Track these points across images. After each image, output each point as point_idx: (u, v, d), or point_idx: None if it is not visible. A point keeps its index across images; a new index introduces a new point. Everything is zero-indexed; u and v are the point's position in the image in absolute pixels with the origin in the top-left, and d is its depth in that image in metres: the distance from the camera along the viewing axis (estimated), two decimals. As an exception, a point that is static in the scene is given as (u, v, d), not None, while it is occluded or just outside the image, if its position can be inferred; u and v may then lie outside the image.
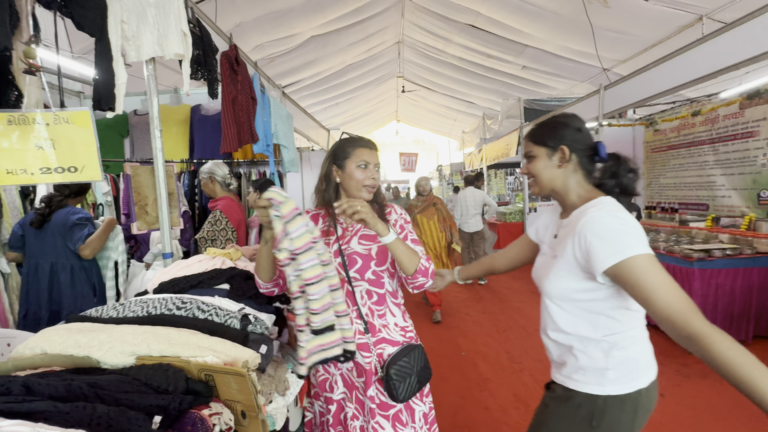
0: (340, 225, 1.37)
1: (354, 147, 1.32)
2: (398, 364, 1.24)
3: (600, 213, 0.97)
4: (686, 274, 3.18)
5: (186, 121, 3.43)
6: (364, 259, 1.30)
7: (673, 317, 0.87)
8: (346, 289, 1.30)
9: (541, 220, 1.29)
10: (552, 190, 1.12)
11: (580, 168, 1.08)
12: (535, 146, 1.11)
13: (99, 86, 1.41)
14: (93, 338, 0.95)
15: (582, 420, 1.05)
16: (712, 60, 2.87)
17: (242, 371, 0.88)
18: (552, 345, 1.13)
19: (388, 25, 7.16)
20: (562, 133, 1.08)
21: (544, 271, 1.11)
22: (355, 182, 1.30)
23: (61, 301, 2.17)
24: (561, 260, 1.03)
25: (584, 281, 1.00)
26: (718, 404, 2.49)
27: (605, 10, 4.58)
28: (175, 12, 1.69)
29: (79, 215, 2.18)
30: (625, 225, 0.94)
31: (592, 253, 0.94)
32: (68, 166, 1.39)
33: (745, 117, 4.70)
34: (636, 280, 0.89)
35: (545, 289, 1.09)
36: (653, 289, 0.88)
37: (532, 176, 1.13)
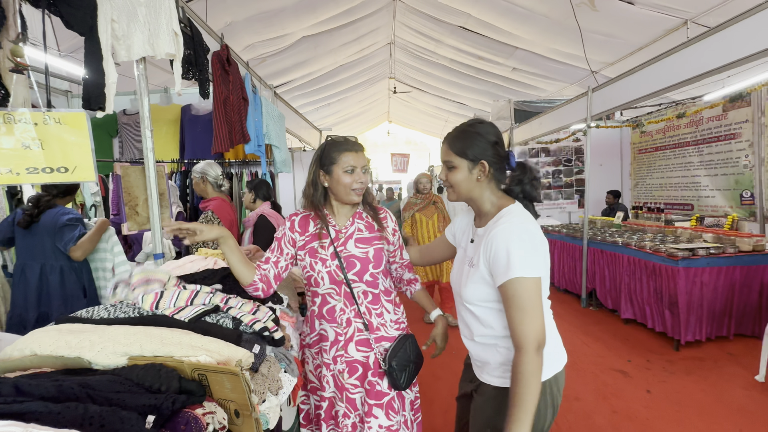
0: (332, 227, 1.38)
1: (339, 152, 1.32)
2: (398, 356, 1.32)
3: (509, 227, 1.05)
4: (671, 272, 3.25)
5: (176, 121, 3.41)
6: (362, 262, 1.35)
7: (519, 335, 1.00)
8: (344, 291, 1.35)
9: (458, 223, 1.37)
10: (469, 199, 1.19)
11: (494, 178, 1.17)
12: (457, 157, 1.15)
13: (89, 85, 1.39)
14: (84, 339, 0.94)
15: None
16: (696, 63, 2.94)
17: (235, 370, 0.88)
18: (476, 347, 1.19)
19: (379, 27, 7.18)
20: (483, 147, 1.13)
21: (462, 279, 1.18)
22: (343, 187, 1.32)
23: (51, 303, 2.13)
24: (475, 269, 1.12)
25: (495, 288, 1.08)
26: (703, 400, 2.55)
27: (593, 13, 4.66)
28: (166, 11, 1.68)
29: (70, 216, 2.14)
30: (526, 243, 1.03)
31: (494, 265, 1.05)
32: (57, 166, 1.37)
33: (728, 119, 4.82)
34: (507, 298, 1.02)
35: (464, 296, 1.15)
36: (518, 309, 1.01)
37: (451, 185, 1.19)
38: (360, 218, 1.43)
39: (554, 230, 5.43)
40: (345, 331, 1.36)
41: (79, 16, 1.31)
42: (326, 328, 1.38)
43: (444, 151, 1.19)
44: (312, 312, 1.42)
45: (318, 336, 1.40)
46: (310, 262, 1.35)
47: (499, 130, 1.19)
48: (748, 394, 2.58)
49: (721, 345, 3.31)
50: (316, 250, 1.35)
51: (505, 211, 1.12)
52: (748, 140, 4.54)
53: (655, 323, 3.47)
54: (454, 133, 1.19)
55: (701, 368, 2.96)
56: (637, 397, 2.61)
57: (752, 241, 3.29)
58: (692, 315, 3.22)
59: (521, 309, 1.00)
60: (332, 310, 1.36)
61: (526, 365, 0.97)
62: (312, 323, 1.42)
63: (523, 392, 0.96)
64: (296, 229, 1.38)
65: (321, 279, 1.34)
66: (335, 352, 1.36)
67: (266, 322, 1.19)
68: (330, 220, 1.39)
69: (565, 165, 6.75)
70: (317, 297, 1.38)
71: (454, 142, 1.16)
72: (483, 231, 1.15)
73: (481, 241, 1.11)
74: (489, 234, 1.08)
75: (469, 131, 1.15)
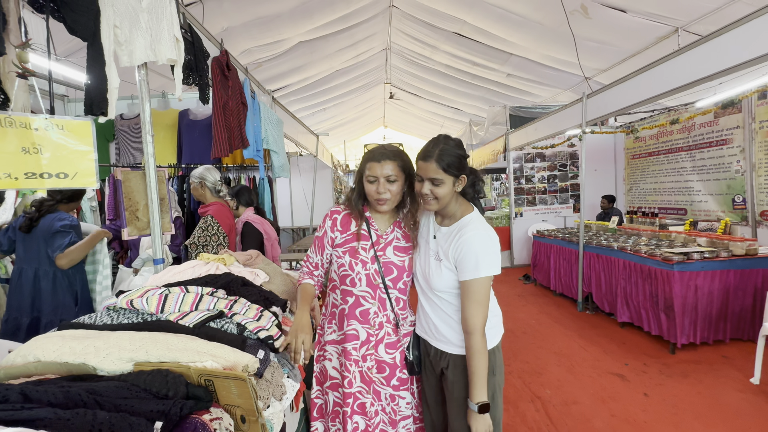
0: (375, 231, 1.41)
1: (366, 161, 1.38)
2: (417, 348, 1.46)
3: (476, 234, 1.27)
4: (667, 276, 3.28)
5: (174, 126, 3.40)
6: (399, 270, 1.41)
7: (472, 322, 1.26)
8: (378, 295, 1.39)
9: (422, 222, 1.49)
10: (446, 207, 1.36)
11: None
12: (445, 174, 1.29)
13: (91, 91, 1.39)
14: (89, 345, 0.94)
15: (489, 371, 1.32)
16: (687, 71, 2.99)
17: (242, 375, 0.88)
18: (443, 326, 1.36)
19: (375, 32, 7.23)
20: (464, 164, 1.32)
21: (430, 270, 1.35)
22: (369, 196, 1.38)
23: (42, 309, 2.11)
24: (446, 262, 1.31)
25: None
26: (699, 403, 2.57)
27: (586, 20, 4.73)
28: (167, 17, 1.69)
29: (64, 222, 2.12)
30: (489, 248, 1.27)
31: (462, 264, 1.27)
32: (56, 172, 1.36)
33: (719, 125, 4.91)
34: (469, 292, 1.26)
35: (434, 285, 1.34)
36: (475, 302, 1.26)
37: (437, 198, 1.32)
38: (399, 227, 1.47)
39: (550, 235, 5.46)
40: (377, 333, 1.41)
41: (83, 22, 1.31)
42: (357, 328, 1.40)
43: (431, 168, 1.29)
44: (341, 311, 1.43)
45: (345, 335, 1.41)
46: (350, 262, 1.37)
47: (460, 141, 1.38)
48: (744, 396, 2.61)
49: (716, 348, 3.35)
50: (357, 251, 1.37)
51: (469, 218, 1.34)
52: (740, 146, 4.62)
53: (651, 327, 3.50)
54: (437, 152, 1.30)
55: (697, 371, 2.99)
56: (634, 401, 2.63)
57: (745, 245, 3.34)
58: (687, 318, 3.25)
59: (478, 302, 1.26)
60: (366, 312, 1.39)
61: (478, 344, 1.25)
62: (340, 321, 1.43)
63: (478, 364, 1.25)
64: (337, 228, 1.42)
65: (359, 280, 1.37)
66: (365, 351, 1.39)
67: (270, 329, 1.19)
68: (372, 223, 1.43)
69: (560, 170, 6.81)
70: (350, 296, 1.40)
71: (440, 161, 1.29)
72: (448, 231, 1.35)
73: (448, 239, 1.32)
74: (459, 237, 1.29)
75: (453, 152, 1.30)
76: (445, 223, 1.39)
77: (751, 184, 4.47)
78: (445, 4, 5.65)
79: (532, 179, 6.91)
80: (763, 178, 4.34)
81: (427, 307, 1.41)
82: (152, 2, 1.65)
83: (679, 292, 3.22)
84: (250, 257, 1.74)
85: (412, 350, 1.46)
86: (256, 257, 1.78)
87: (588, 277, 4.44)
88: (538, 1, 4.78)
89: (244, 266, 1.67)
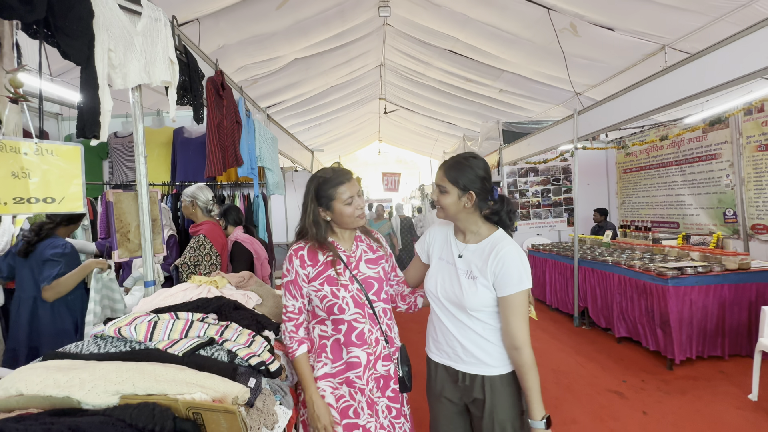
0: (342, 253, 1.40)
1: (335, 187, 1.35)
2: (406, 363, 1.46)
3: (514, 247, 1.28)
4: (661, 291, 3.29)
5: (168, 144, 3.40)
6: (378, 282, 1.41)
7: (521, 337, 1.24)
8: (367, 312, 1.37)
9: (430, 239, 1.50)
10: (456, 219, 1.38)
11: (478, 207, 1.35)
12: (449, 184, 1.32)
13: (84, 114, 1.39)
14: (74, 377, 0.91)
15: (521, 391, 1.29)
16: (675, 89, 3.06)
17: (232, 408, 0.86)
18: (475, 347, 1.31)
19: (370, 49, 7.34)
20: (473, 179, 1.30)
21: (461, 290, 1.31)
22: (348, 217, 1.37)
23: (41, 339, 2.03)
24: (482, 280, 1.29)
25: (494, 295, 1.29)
26: (698, 420, 2.54)
27: (575, 38, 4.84)
28: (162, 40, 1.70)
29: (55, 251, 2.04)
30: (525, 260, 1.27)
31: (504, 278, 1.24)
32: (44, 196, 1.34)
33: (708, 140, 5.00)
34: (514, 306, 1.24)
35: (469, 305, 1.29)
36: (521, 317, 1.25)
37: (441, 206, 1.35)
38: (360, 240, 1.48)
39: (545, 249, 5.47)
40: (374, 350, 1.38)
41: (77, 47, 1.31)
42: (358, 354, 1.36)
43: (439, 175, 1.36)
44: (335, 341, 1.37)
45: (345, 365, 1.36)
46: (332, 290, 1.34)
47: (489, 166, 1.36)
48: (742, 414, 2.59)
49: (713, 364, 3.33)
50: (334, 278, 1.34)
51: (500, 235, 1.33)
52: (728, 160, 4.70)
53: (649, 342, 3.49)
54: (451, 162, 1.35)
55: (695, 388, 2.97)
56: (633, 419, 2.60)
57: (737, 259, 3.36)
58: (684, 334, 3.24)
59: (521, 315, 1.24)
60: (361, 333, 1.36)
61: (530, 359, 1.22)
62: (336, 351, 1.37)
63: (534, 379, 1.22)
64: (307, 263, 1.36)
65: (346, 305, 1.34)
66: (368, 374, 1.36)
67: (262, 354, 1.16)
68: (338, 246, 1.41)
69: (553, 184, 6.87)
70: (342, 324, 1.36)
71: (449, 171, 1.33)
72: (477, 248, 1.33)
73: (482, 256, 1.30)
74: (496, 253, 1.27)
75: (464, 164, 1.32)
76: (471, 240, 1.37)
77: (741, 198, 4.52)
78: (438, 22, 5.76)
79: (526, 193, 6.96)
80: (753, 192, 4.40)
81: (453, 329, 1.35)
82: (147, 25, 1.66)
83: (675, 307, 3.22)
84: (243, 279, 1.72)
85: (402, 365, 1.45)
86: (249, 279, 1.76)
87: (584, 291, 4.44)
88: (528, 20, 4.89)
89: (236, 288, 1.65)
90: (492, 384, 1.30)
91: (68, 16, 1.29)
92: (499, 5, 4.81)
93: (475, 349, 1.31)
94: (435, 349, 1.43)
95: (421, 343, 1.55)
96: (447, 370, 1.39)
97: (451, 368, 1.37)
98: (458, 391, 1.37)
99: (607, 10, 4.25)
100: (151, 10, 1.69)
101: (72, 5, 1.30)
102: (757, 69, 2.44)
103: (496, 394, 1.29)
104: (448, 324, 1.36)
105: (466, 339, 1.32)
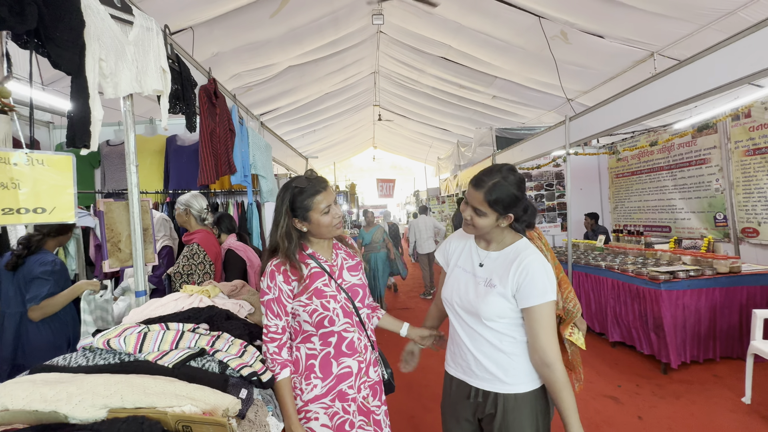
0: (324, 263, 1.37)
1: (311, 197, 1.28)
2: (387, 365, 1.49)
3: (539, 256, 1.22)
4: (654, 295, 3.31)
5: (161, 152, 3.38)
6: (362, 288, 1.41)
7: (551, 353, 1.17)
8: (355, 320, 1.36)
9: (451, 247, 1.45)
10: (485, 235, 1.32)
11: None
12: (489, 208, 1.23)
13: (74, 123, 1.38)
14: (61, 391, 0.89)
15: (540, 413, 1.24)
16: (664, 95, 3.10)
17: (222, 421, 0.85)
18: (489, 360, 1.25)
19: (364, 57, 7.39)
20: (513, 202, 1.22)
21: (477, 298, 1.26)
22: (325, 228, 1.32)
23: (26, 357, 1.95)
24: (496, 289, 1.23)
25: (512, 305, 1.23)
26: (693, 425, 2.55)
27: (566, 45, 4.91)
28: (154, 49, 1.70)
29: (45, 268, 1.97)
30: (550, 271, 1.21)
31: (528, 289, 1.18)
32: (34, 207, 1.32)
33: (697, 145, 5.07)
34: (539, 319, 1.17)
35: (484, 314, 1.23)
36: (549, 330, 1.18)
37: (475, 226, 1.27)
38: (338, 248, 1.46)
39: (539, 253, 5.49)
40: (365, 357, 1.38)
41: (68, 57, 1.31)
42: (349, 364, 1.33)
43: (476, 197, 1.24)
44: (325, 355, 1.32)
45: (336, 378, 1.32)
46: (321, 303, 1.29)
47: (522, 177, 1.28)
48: (736, 417, 2.60)
49: (707, 367, 3.35)
50: (321, 290, 1.30)
51: (524, 243, 1.28)
52: (718, 165, 4.76)
53: (643, 346, 3.50)
54: (490, 183, 1.22)
55: (690, 392, 2.98)
56: (629, 425, 2.60)
57: (728, 263, 3.40)
58: (677, 337, 3.26)
59: (551, 328, 1.18)
60: (351, 342, 1.34)
61: (562, 375, 1.15)
62: (326, 367, 1.32)
63: (568, 399, 1.14)
64: (291, 278, 1.29)
65: (336, 316, 1.31)
66: (359, 381, 1.35)
67: (254, 364, 1.15)
68: (319, 256, 1.37)
69: (546, 189, 6.92)
70: (332, 337, 1.32)
71: (489, 195, 1.21)
72: (500, 255, 1.28)
73: (504, 264, 1.25)
74: (519, 261, 1.21)
75: (503, 186, 1.21)
76: (493, 247, 1.31)
77: (731, 202, 4.58)
78: (431, 30, 5.82)
79: (520, 198, 6.99)
80: (742, 196, 4.45)
81: (467, 341, 1.29)
82: (139, 35, 1.67)
83: (668, 311, 3.24)
84: (235, 288, 1.71)
85: (386, 368, 1.50)
86: (242, 288, 1.75)
87: (577, 296, 4.44)
88: (519, 28, 4.96)
89: (228, 297, 1.63)
90: (506, 402, 1.22)
91: (59, 26, 1.28)
92: (492, 13, 4.87)
93: (489, 363, 1.25)
94: (452, 362, 1.38)
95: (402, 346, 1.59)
96: (460, 385, 1.33)
97: (465, 383, 1.31)
98: (471, 407, 1.31)
99: (597, 18, 4.32)
100: (144, 20, 1.69)
101: (63, 16, 1.29)
102: (743, 75, 2.48)
103: (510, 414, 1.22)
104: (462, 335, 1.31)
105: (479, 352, 1.26)
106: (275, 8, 4.56)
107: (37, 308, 1.92)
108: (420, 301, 6.57)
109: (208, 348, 1.13)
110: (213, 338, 1.19)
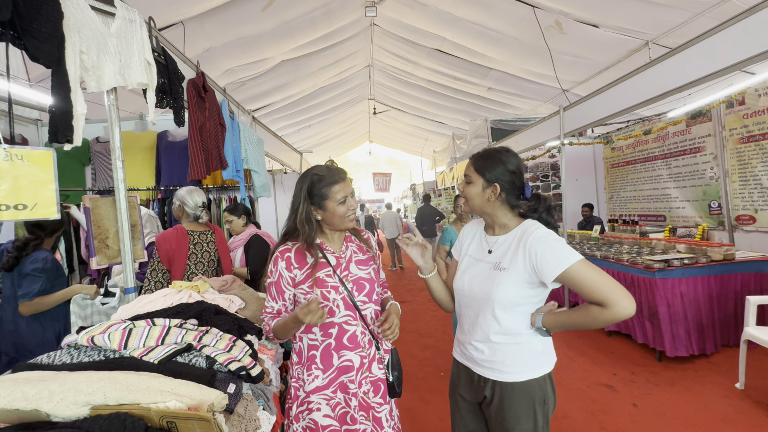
0: (332, 254, 1.36)
1: (329, 186, 1.31)
2: (397, 368, 1.41)
3: (542, 231, 1.20)
4: (649, 283, 3.32)
5: (152, 148, 3.35)
6: (369, 283, 1.38)
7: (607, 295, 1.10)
8: (358, 315, 1.34)
9: (464, 238, 1.46)
10: (482, 213, 1.34)
11: (506, 202, 1.30)
12: (475, 173, 1.30)
13: (56, 117, 1.35)
14: (42, 389, 0.88)
15: (538, 402, 1.23)
16: (658, 83, 3.09)
17: (207, 416, 0.84)
18: (492, 348, 1.26)
19: (358, 50, 7.33)
20: (500, 172, 1.26)
21: (490, 284, 1.25)
22: (339, 217, 1.33)
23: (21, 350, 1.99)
24: (512, 272, 1.21)
25: (533, 288, 1.22)
26: (687, 411, 2.57)
27: (561, 35, 4.88)
28: (138, 42, 1.67)
29: (36, 266, 1.98)
30: (561, 241, 1.18)
31: (543, 264, 1.15)
32: (15, 203, 1.29)
33: (691, 134, 5.06)
34: (580, 280, 1.13)
35: (496, 298, 1.22)
36: (593, 283, 1.12)
37: (466, 198, 1.33)
38: (350, 241, 1.45)
39: (535, 245, 5.49)
40: (368, 352, 1.35)
41: (46, 49, 1.28)
42: (351, 358, 1.32)
43: (467, 165, 1.33)
44: (326, 346, 1.32)
45: (337, 370, 1.32)
46: (322, 293, 1.29)
47: (522, 162, 1.31)
48: (730, 402, 2.62)
49: (701, 354, 3.37)
50: (323, 280, 1.31)
51: (528, 223, 1.27)
52: (712, 153, 4.76)
53: (638, 335, 3.52)
54: (481, 153, 1.33)
55: (684, 379, 3.00)
56: (624, 412, 2.62)
57: (722, 250, 3.41)
58: (672, 325, 3.27)
59: (594, 280, 1.11)
60: (353, 336, 1.33)
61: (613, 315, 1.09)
62: (327, 359, 1.32)
63: (584, 322, 1.15)
64: (294, 265, 1.31)
65: (336, 307, 1.31)
66: (361, 376, 1.33)
67: (242, 359, 1.14)
68: (327, 247, 1.37)
69: (542, 180, 6.91)
70: (332, 328, 1.31)
71: (477, 161, 1.31)
72: (506, 238, 1.28)
73: (512, 246, 1.24)
74: (526, 240, 1.20)
75: (494, 156, 1.28)
76: (499, 232, 1.32)
77: (725, 190, 4.58)
78: (425, 22, 5.77)
79: (516, 190, 6.99)
80: (737, 184, 4.46)
81: (472, 329, 1.32)
82: (121, 27, 1.63)
83: (663, 299, 3.25)
84: (226, 283, 1.70)
85: (392, 370, 1.39)
86: (232, 282, 1.73)
87: (574, 286, 4.45)
88: (513, 18, 4.91)
89: (219, 292, 1.62)
90: (503, 390, 1.24)
91: (36, 17, 1.25)
92: (485, 4, 4.83)
93: (489, 351, 1.27)
94: (458, 349, 1.41)
95: (413, 344, 1.54)
96: (467, 371, 1.36)
97: (470, 369, 1.34)
98: (473, 390, 1.34)
99: (592, 8, 4.28)
100: (126, 11, 1.65)
101: (39, 6, 1.26)
102: (736, 62, 2.47)
103: (506, 401, 1.24)
104: (468, 323, 1.34)
105: (483, 339, 1.28)
106: (266, 1, 4.50)
107: (28, 305, 1.95)
108: (418, 293, 6.60)
109: (195, 343, 1.12)
110: (200, 333, 1.17)
